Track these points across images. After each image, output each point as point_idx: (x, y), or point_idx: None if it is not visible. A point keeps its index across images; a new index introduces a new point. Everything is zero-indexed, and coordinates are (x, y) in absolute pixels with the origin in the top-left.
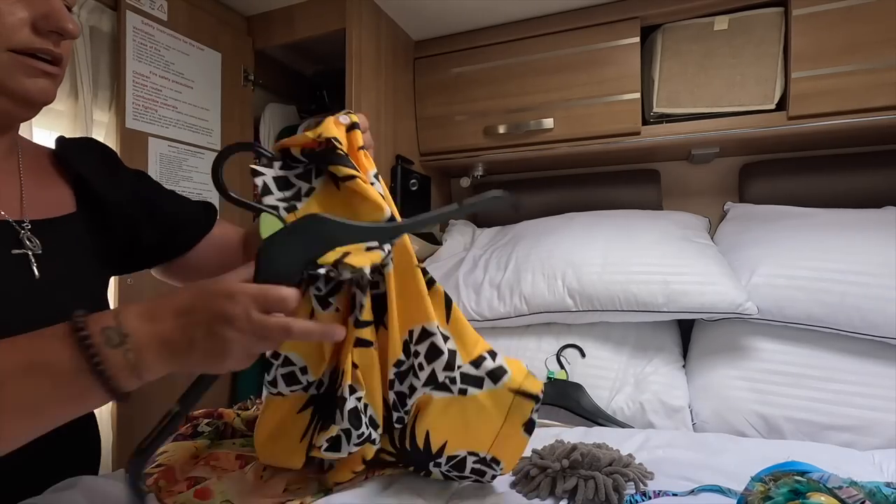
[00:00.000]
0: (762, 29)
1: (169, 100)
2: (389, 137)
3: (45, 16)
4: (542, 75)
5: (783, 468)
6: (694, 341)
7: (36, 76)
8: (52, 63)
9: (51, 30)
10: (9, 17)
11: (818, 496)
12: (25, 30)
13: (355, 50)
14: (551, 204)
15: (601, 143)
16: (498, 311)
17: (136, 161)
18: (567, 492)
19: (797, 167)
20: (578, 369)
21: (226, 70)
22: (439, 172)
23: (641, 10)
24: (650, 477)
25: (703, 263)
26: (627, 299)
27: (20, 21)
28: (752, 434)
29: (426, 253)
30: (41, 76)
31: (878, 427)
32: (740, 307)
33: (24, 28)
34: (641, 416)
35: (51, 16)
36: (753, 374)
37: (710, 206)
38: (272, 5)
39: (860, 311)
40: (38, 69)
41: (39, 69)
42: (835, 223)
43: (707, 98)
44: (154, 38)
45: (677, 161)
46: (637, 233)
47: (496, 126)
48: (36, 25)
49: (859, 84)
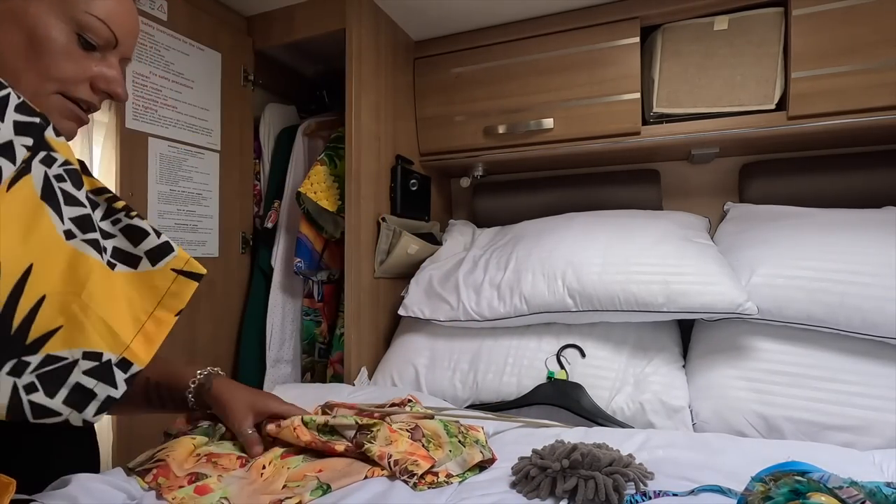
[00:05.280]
0: (762, 29)
1: (169, 100)
2: (389, 137)
3: (106, 79)
4: (542, 75)
5: (783, 468)
6: (694, 341)
7: (71, 119)
8: (87, 111)
9: (105, 91)
10: (77, 69)
11: (818, 496)
12: (85, 85)
13: (355, 50)
14: (551, 204)
15: (601, 143)
16: (498, 311)
17: (135, 161)
18: (567, 492)
19: (797, 167)
20: (578, 369)
21: (226, 70)
22: (439, 172)
23: (641, 10)
24: (650, 477)
25: (703, 263)
26: (627, 299)
27: (84, 75)
28: (752, 434)
29: (426, 253)
30: (74, 120)
31: (878, 427)
32: (740, 307)
33: (85, 84)
34: (641, 416)
35: (112, 81)
36: (753, 374)
37: (710, 206)
38: (272, 5)
39: (860, 311)
40: (76, 115)
41: (77, 115)
42: (835, 223)
43: (707, 98)
44: (154, 38)
45: (677, 161)
46: (637, 233)
47: (496, 126)
48: (94, 83)
49: (859, 84)
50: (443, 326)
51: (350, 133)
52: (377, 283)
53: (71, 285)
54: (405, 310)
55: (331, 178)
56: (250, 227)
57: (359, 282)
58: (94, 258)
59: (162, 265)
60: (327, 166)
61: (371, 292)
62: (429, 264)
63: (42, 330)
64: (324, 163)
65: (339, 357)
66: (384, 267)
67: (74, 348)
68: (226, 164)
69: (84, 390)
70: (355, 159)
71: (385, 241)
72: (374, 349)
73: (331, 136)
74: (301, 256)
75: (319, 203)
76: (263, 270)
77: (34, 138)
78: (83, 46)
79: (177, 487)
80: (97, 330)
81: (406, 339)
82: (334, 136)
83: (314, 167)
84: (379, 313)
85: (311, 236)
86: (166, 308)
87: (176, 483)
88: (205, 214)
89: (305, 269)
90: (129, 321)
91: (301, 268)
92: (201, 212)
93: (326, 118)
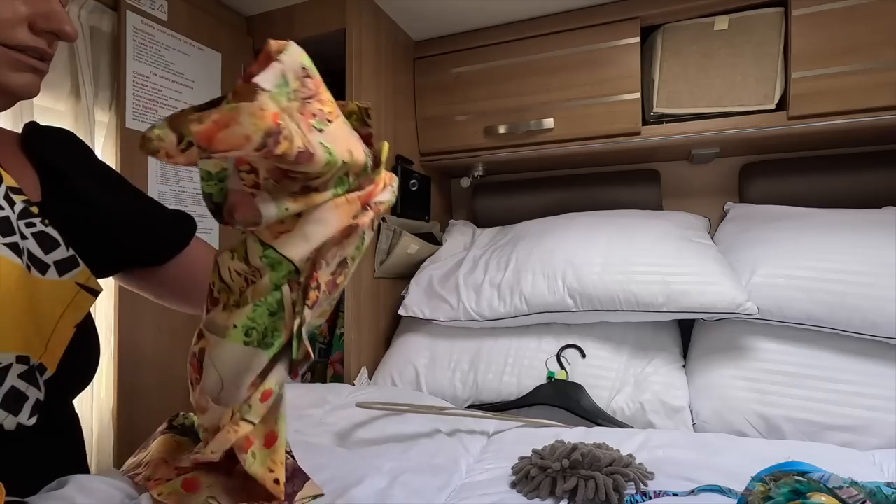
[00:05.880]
0: (762, 29)
1: (169, 100)
2: (389, 137)
3: (45, 16)
4: (542, 75)
5: (783, 468)
6: (694, 341)
7: (22, 70)
8: (41, 59)
9: (49, 30)
10: (6, 12)
11: (819, 496)
12: (22, 27)
13: (355, 50)
14: (551, 204)
15: (601, 143)
16: (498, 311)
17: (136, 161)
18: (567, 492)
19: (797, 167)
20: (579, 369)
21: (226, 70)
22: (439, 172)
23: (641, 10)
24: (650, 477)
25: (703, 263)
26: (627, 299)
27: (18, 17)
28: (752, 434)
29: (426, 253)
30: (28, 71)
31: (878, 427)
32: (740, 307)
33: (22, 25)
34: (641, 416)
35: (52, 17)
36: (753, 374)
37: (710, 206)
38: (272, 5)
39: (860, 311)
40: (26, 64)
41: (27, 64)
42: (835, 223)
43: (707, 98)
44: (154, 38)
45: (677, 161)
46: (637, 233)
47: (496, 126)
48: (34, 24)
49: (859, 84)
50: (443, 326)
51: None
52: (377, 283)
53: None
54: (405, 310)
55: None
56: None
57: (359, 282)
58: (13, 261)
59: (67, 277)
60: None
61: (371, 292)
62: (429, 264)
63: None
64: None
65: (339, 357)
66: (384, 267)
67: (7, 352)
68: None
69: (18, 393)
70: None
71: (385, 241)
72: (374, 349)
73: None
74: None
75: None
76: None
77: None
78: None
79: (164, 481)
80: (23, 334)
81: (406, 339)
82: None
83: None
84: (379, 313)
85: None
86: (67, 320)
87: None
88: (205, 214)
89: None
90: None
91: None
92: (201, 212)
93: None
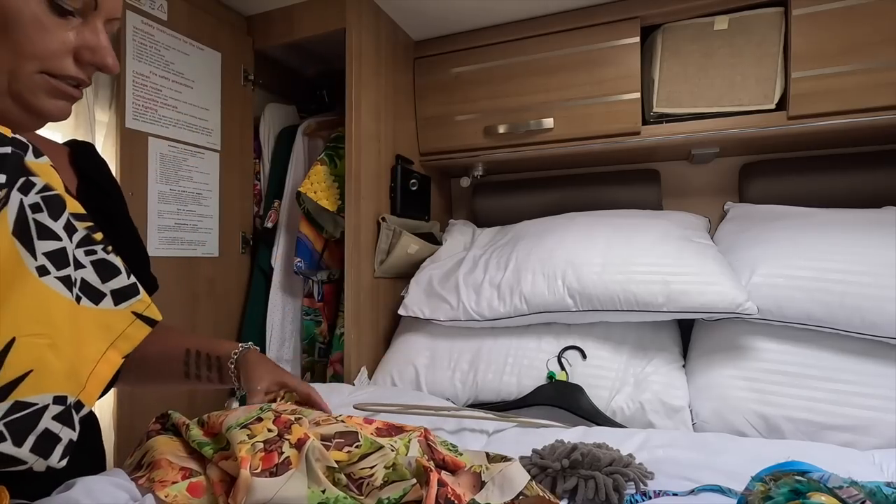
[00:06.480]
0: (762, 29)
1: (169, 100)
2: (389, 137)
3: (92, 49)
4: (542, 75)
5: (783, 468)
6: (694, 341)
7: (59, 98)
8: (77, 87)
9: (92, 63)
10: (54, 42)
11: (819, 496)
12: (68, 58)
13: (355, 50)
14: (551, 204)
15: (601, 143)
16: (498, 311)
17: (136, 161)
18: (567, 492)
19: (797, 167)
20: (579, 369)
21: (226, 70)
22: (439, 172)
23: (641, 10)
24: (650, 477)
25: (702, 263)
26: (627, 299)
27: (66, 49)
28: (752, 434)
29: (426, 253)
30: (64, 98)
31: (878, 427)
32: (740, 307)
33: (68, 56)
34: (641, 415)
35: (97, 51)
36: (753, 374)
37: (710, 206)
38: (272, 5)
39: (860, 311)
40: (64, 92)
41: (65, 92)
42: (835, 223)
43: (707, 98)
44: (154, 37)
45: (677, 161)
46: (637, 233)
47: (496, 126)
48: (79, 55)
49: (859, 84)
50: (443, 326)
51: (350, 133)
52: (377, 282)
53: (42, 326)
54: (405, 310)
55: (331, 177)
56: (250, 227)
57: (359, 282)
58: (64, 296)
59: (124, 306)
60: (327, 166)
61: (371, 292)
62: (429, 264)
63: (11, 375)
64: (324, 162)
65: (339, 357)
66: (384, 267)
67: (45, 393)
68: (226, 164)
69: (50, 435)
70: (355, 159)
71: (385, 241)
72: (374, 349)
73: (331, 136)
74: (301, 256)
75: (319, 203)
76: (263, 270)
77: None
78: (57, 13)
79: (170, 483)
80: (65, 373)
81: (406, 339)
82: (334, 135)
83: (314, 167)
84: (379, 313)
85: (311, 236)
86: (117, 349)
87: (169, 477)
88: (205, 214)
89: (305, 268)
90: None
91: (301, 268)
92: (201, 211)
93: (326, 118)
